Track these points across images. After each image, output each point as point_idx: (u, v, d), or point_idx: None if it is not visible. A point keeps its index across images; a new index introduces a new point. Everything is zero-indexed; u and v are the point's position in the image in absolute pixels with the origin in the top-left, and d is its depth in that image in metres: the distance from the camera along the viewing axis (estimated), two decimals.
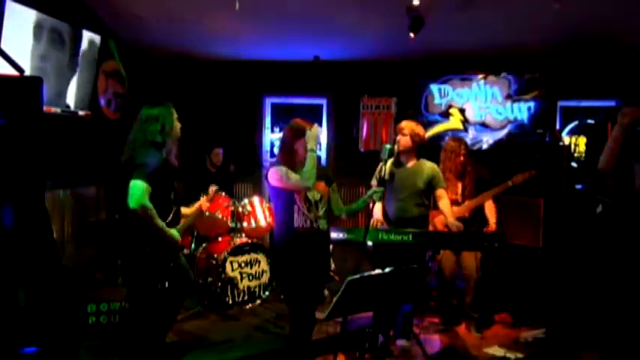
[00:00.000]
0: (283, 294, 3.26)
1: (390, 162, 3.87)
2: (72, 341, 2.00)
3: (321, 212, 3.19)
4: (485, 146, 6.13)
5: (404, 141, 3.84)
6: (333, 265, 5.08)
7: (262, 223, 5.16)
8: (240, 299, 4.80)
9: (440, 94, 6.24)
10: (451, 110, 6.23)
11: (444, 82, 6.23)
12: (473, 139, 6.11)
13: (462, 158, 4.53)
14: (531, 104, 6.02)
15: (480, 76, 6.14)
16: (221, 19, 5.20)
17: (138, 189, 2.98)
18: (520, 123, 6.05)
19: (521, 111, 6.06)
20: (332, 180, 3.36)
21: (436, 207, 4.09)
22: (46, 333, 1.84)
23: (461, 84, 6.20)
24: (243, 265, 4.85)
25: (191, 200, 4.07)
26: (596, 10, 4.67)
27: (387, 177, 3.78)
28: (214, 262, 4.74)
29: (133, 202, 2.97)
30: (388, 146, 3.58)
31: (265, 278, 4.98)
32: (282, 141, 3.23)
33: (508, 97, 6.09)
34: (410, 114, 5.99)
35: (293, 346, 3.16)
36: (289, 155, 3.14)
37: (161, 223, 3.09)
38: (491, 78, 6.11)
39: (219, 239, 5.01)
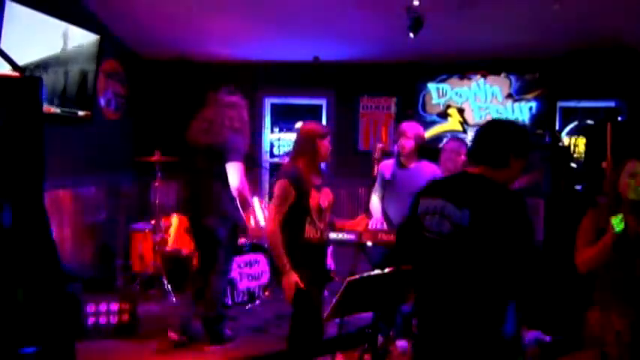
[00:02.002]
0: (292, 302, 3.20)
1: (388, 162, 3.89)
2: (71, 341, 2.00)
3: (327, 220, 3.16)
4: None
5: (409, 144, 3.85)
6: (333, 265, 5.08)
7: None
8: (240, 299, 4.80)
9: (438, 93, 6.14)
10: (449, 111, 6.12)
11: (443, 81, 6.14)
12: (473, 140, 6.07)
13: (462, 157, 4.53)
14: (533, 104, 5.94)
15: (480, 74, 6.07)
16: (221, 20, 5.20)
17: (240, 170, 3.70)
18: (521, 124, 5.99)
19: (523, 111, 5.97)
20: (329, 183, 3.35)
21: None
22: (45, 333, 1.84)
23: (460, 83, 6.10)
24: (242, 265, 4.84)
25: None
26: (596, 10, 4.67)
27: (388, 177, 3.79)
28: None
29: (238, 182, 3.68)
30: (381, 146, 3.58)
31: (265, 278, 4.98)
32: (303, 139, 3.14)
33: (509, 96, 6.03)
34: (409, 114, 5.98)
35: (293, 347, 3.16)
36: (312, 152, 3.08)
37: (249, 194, 3.87)
38: (491, 77, 6.04)
39: None
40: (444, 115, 6.14)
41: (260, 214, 5.19)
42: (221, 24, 5.33)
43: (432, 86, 6.15)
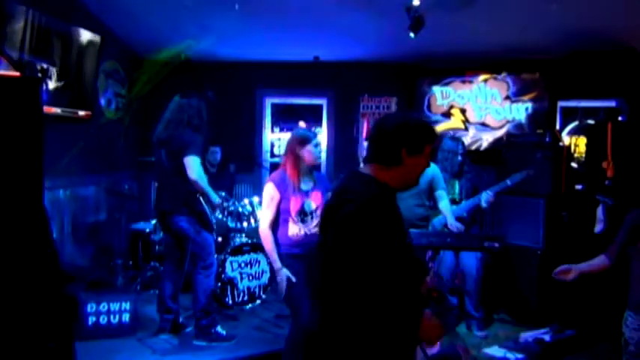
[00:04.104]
0: (284, 298, 3.26)
1: None
2: (70, 341, 2.00)
3: (315, 222, 3.25)
4: (484, 144, 6.19)
5: None
6: None
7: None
8: (240, 299, 4.79)
9: (442, 95, 6.37)
10: (452, 110, 6.34)
11: (446, 84, 6.35)
12: (473, 138, 6.22)
13: (459, 158, 4.54)
14: (529, 105, 6.06)
15: (481, 78, 6.22)
16: (220, 20, 5.20)
17: (196, 163, 3.77)
18: (518, 123, 6.12)
19: (519, 111, 6.12)
20: (329, 188, 3.40)
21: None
22: (45, 333, 1.83)
23: (462, 86, 6.32)
24: (243, 265, 4.85)
25: None
26: (597, 10, 4.67)
27: None
28: None
29: (194, 174, 3.74)
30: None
31: (265, 278, 4.98)
32: (287, 146, 3.36)
33: (507, 98, 6.15)
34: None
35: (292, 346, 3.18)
36: (294, 160, 3.25)
37: (208, 188, 3.90)
38: (491, 81, 6.21)
39: (219, 240, 5.01)
40: (447, 115, 6.36)
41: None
42: (221, 24, 5.33)
43: (436, 89, 6.39)
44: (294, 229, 3.21)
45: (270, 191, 3.22)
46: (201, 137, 3.94)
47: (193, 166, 3.77)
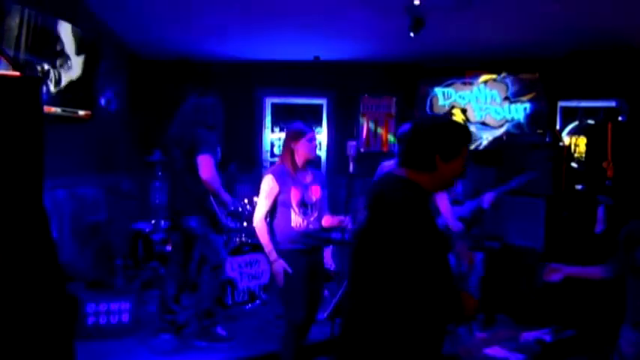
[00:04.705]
0: (281, 291, 3.27)
1: (388, 163, 3.90)
2: (70, 342, 1.99)
3: (315, 214, 3.28)
4: (485, 143, 6.23)
5: None
6: (333, 265, 5.08)
7: None
8: (240, 299, 4.79)
9: (444, 96, 6.46)
10: (454, 111, 6.41)
11: (448, 86, 6.44)
12: (473, 137, 6.27)
13: None
14: (527, 105, 6.10)
15: (481, 79, 6.28)
16: (221, 20, 5.20)
17: (208, 162, 3.69)
18: (517, 122, 6.17)
19: (518, 111, 6.19)
20: (326, 184, 3.43)
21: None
22: (45, 333, 1.83)
23: (463, 87, 6.40)
24: (242, 265, 4.84)
25: None
26: (597, 9, 4.67)
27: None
28: None
29: (204, 174, 3.66)
30: (354, 143, 3.63)
31: (265, 278, 4.97)
32: (283, 143, 3.40)
33: (506, 99, 6.19)
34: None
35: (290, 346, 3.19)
36: (290, 155, 3.27)
37: (221, 188, 3.82)
38: (490, 82, 6.26)
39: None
40: (448, 115, 6.45)
41: None
42: (221, 24, 5.33)
43: (438, 90, 6.50)
44: (297, 220, 3.21)
45: (269, 182, 3.22)
46: (216, 137, 3.90)
47: (205, 165, 3.72)
